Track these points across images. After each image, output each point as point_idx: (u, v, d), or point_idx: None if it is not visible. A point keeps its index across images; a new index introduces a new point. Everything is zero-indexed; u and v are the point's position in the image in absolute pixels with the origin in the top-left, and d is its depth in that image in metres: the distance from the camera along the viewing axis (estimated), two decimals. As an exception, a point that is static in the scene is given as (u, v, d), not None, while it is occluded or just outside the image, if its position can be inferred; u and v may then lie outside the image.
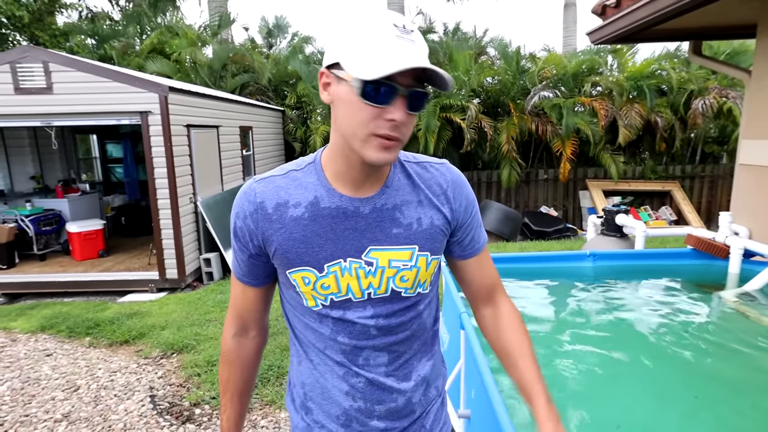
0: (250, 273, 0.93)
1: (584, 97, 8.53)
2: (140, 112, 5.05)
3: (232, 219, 0.90)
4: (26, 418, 2.84)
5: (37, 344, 3.95)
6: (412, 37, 0.76)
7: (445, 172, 0.94)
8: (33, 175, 7.00)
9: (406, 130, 0.80)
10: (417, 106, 0.79)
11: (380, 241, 0.87)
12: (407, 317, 0.91)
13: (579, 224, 9.05)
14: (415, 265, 0.88)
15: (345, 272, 0.86)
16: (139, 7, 11.23)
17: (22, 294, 5.52)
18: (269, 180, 0.89)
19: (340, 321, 0.89)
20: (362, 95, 0.76)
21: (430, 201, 0.91)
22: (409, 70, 0.73)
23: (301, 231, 0.85)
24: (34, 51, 5.06)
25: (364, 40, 0.76)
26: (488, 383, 1.39)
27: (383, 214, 0.87)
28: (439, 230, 0.91)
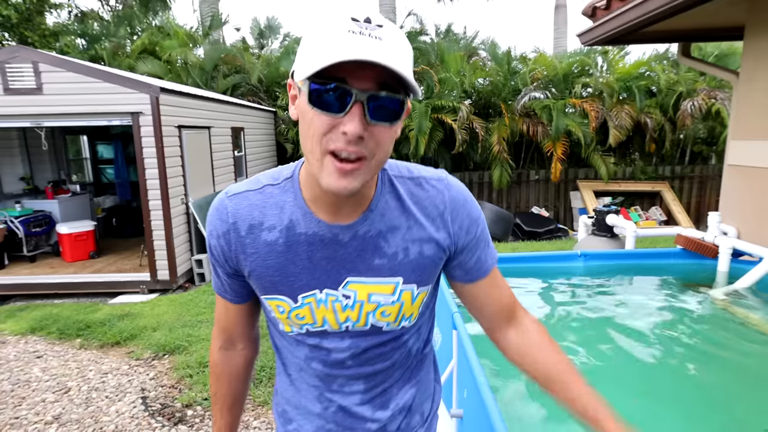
0: (232, 291, 0.87)
1: (575, 99, 8.61)
2: (131, 113, 5.02)
3: (207, 235, 0.83)
4: (16, 420, 2.82)
5: (27, 346, 3.92)
6: (376, 33, 0.62)
7: (443, 190, 0.81)
8: (22, 176, 6.93)
9: (374, 144, 0.66)
10: (384, 115, 0.65)
11: (360, 273, 0.78)
12: (387, 349, 0.84)
13: (570, 224, 9.13)
14: (398, 300, 0.80)
15: (320, 304, 0.79)
16: (130, 8, 11.15)
17: (12, 296, 5.46)
18: (243, 196, 0.79)
19: (315, 348, 0.83)
20: (309, 100, 0.64)
21: (422, 226, 0.79)
22: (369, 70, 0.61)
23: (275, 258, 0.78)
24: (23, 51, 5.01)
25: (316, 37, 0.64)
26: (480, 383, 1.40)
27: (365, 242, 0.77)
28: (429, 260, 0.80)
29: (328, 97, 0.63)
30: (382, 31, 0.62)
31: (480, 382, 1.40)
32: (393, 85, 0.64)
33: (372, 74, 0.62)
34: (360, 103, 0.63)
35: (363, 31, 0.61)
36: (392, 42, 0.62)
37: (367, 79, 0.63)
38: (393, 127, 0.67)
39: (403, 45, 0.64)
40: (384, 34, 0.62)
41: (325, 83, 0.63)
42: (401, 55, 0.63)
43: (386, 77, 0.63)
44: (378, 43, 0.61)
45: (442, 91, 8.63)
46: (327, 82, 0.62)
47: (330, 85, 0.62)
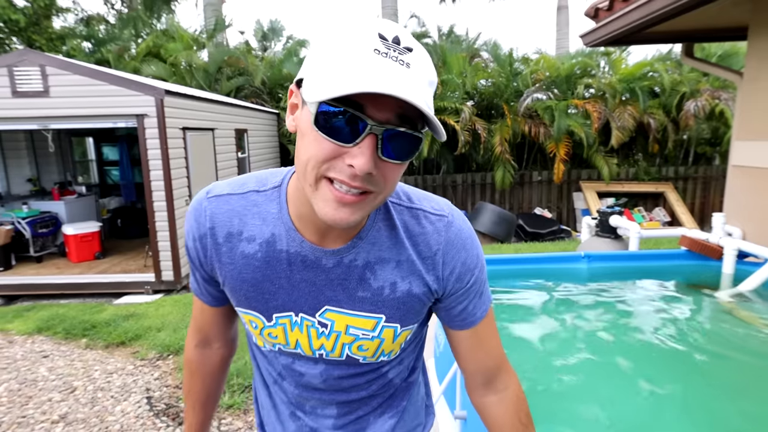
0: (209, 294, 0.82)
1: (577, 99, 8.61)
2: (136, 115, 5.06)
3: (185, 235, 0.77)
4: (23, 419, 2.85)
5: (34, 346, 3.95)
6: (404, 57, 0.54)
7: (441, 230, 0.72)
8: (29, 177, 6.99)
9: (382, 180, 0.58)
10: (398, 152, 0.57)
11: (339, 303, 0.71)
12: (364, 380, 0.79)
13: (573, 226, 9.12)
14: (378, 336, 0.73)
15: (295, 327, 0.74)
16: (135, 11, 11.23)
17: (19, 296, 5.51)
18: (224, 199, 0.73)
19: (287, 368, 0.79)
20: (314, 122, 0.56)
21: (412, 264, 0.71)
22: (388, 100, 0.53)
23: (251, 272, 0.72)
24: (30, 55, 5.06)
25: (336, 52, 0.56)
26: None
27: (350, 272, 0.70)
28: (417, 300, 0.73)
29: (338, 121, 0.55)
30: (411, 56, 0.55)
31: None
32: (413, 119, 0.57)
33: (393, 105, 0.54)
34: (374, 136, 0.55)
35: (390, 54, 0.54)
36: (420, 70, 0.55)
37: (387, 109, 0.55)
38: (404, 164, 0.60)
39: (429, 72, 0.58)
40: (413, 60, 0.55)
41: (338, 107, 0.54)
42: (426, 85, 0.56)
43: (408, 110, 0.55)
44: (404, 72, 0.54)
45: (444, 93, 8.65)
46: (340, 105, 0.54)
47: (342, 113, 0.54)
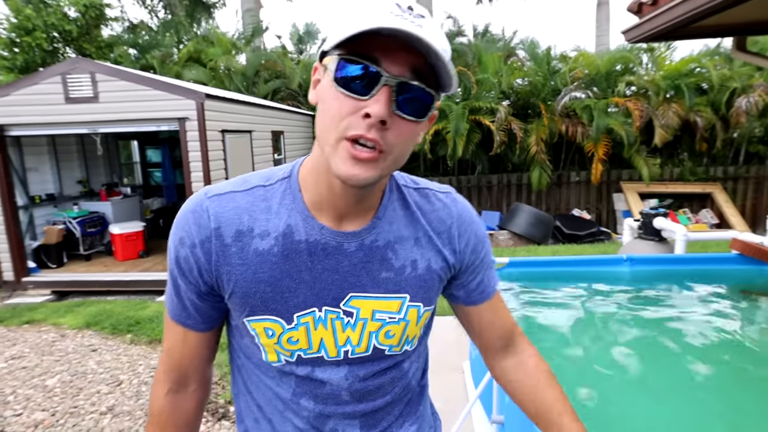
0: (198, 314, 0.72)
1: (618, 97, 8.32)
2: (178, 119, 5.24)
3: (173, 245, 0.68)
4: (75, 410, 3.00)
5: (84, 340, 4.16)
6: (418, 21, 0.57)
7: (450, 204, 0.77)
8: (80, 179, 7.35)
9: (394, 138, 0.60)
10: (412, 108, 0.60)
11: (364, 287, 0.70)
12: (388, 379, 0.75)
13: (613, 228, 8.82)
14: (403, 318, 0.72)
15: (318, 324, 0.69)
16: (177, 17, 11.66)
17: (70, 292, 5.80)
18: (228, 197, 0.68)
19: (306, 380, 0.72)
20: (333, 79, 0.59)
21: (430, 239, 0.74)
22: (405, 53, 0.57)
23: (268, 270, 0.67)
24: (82, 62, 5.33)
25: (355, 17, 0.59)
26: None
27: (372, 253, 0.70)
28: (436, 276, 0.75)
29: (355, 78, 0.58)
30: (424, 21, 0.58)
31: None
32: (427, 77, 0.60)
33: (407, 59, 0.58)
34: (389, 88, 0.57)
35: (404, 16, 0.57)
36: (434, 32, 0.58)
37: (401, 63, 0.58)
38: (418, 124, 0.62)
39: (443, 39, 0.60)
40: (425, 24, 0.58)
41: (355, 62, 0.57)
42: (441, 44, 0.58)
43: (422, 66, 0.58)
44: (418, 29, 0.56)
45: (479, 93, 8.54)
46: (357, 61, 0.57)
47: (359, 65, 0.57)
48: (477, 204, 9.12)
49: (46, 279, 5.85)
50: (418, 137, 0.65)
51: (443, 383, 2.85)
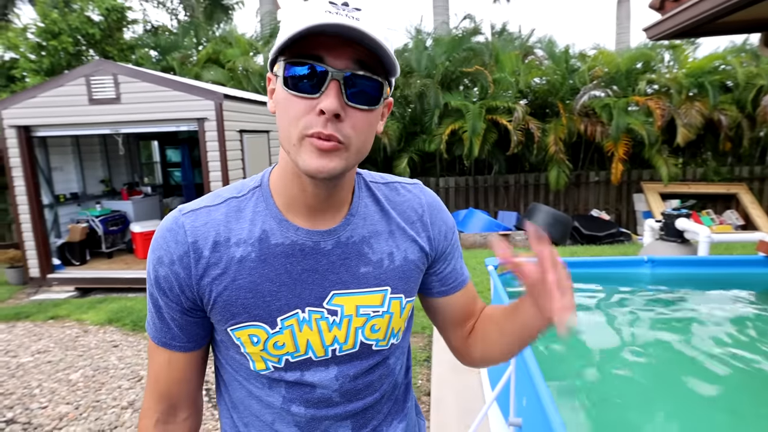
0: (184, 334, 0.71)
1: (638, 96, 8.16)
2: (197, 119, 5.32)
3: (152, 266, 0.69)
4: (97, 404, 3.07)
5: (106, 336, 4.25)
6: (353, 14, 0.59)
7: (419, 194, 0.79)
8: (102, 178, 7.52)
9: (350, 129, 0.62)
10: (362, 98, 0.62)
11: (345, 284, 0.70)
12: (376, 376, 0.76)
13: (633, 228, 8.66)
14: (387, 311, 0.73)
15: (303, 326, 0.69)
16: (196, 19, 11.83)
17: (93, 288, 5.94)
18: (202, 212, 0.70)
19: (296, 385, 0.72)
20: (284, 84, 0.62)
21: (404, 230, 0.75)
22: (346, 47, 0.59)
23: (247, 276, 0.67)
24: (105, 65, 5.45)
25: (291, 19, 0.61)
26: (541, 390, 1.37)
27: (349, 249, 0.71)
28: (414, 266, 0.76)
29: (303, 78, 0.60)
30: (361, 14, 0.60)
31: (540, 389, 1.37)
32: (372, 66, 0.61)
33: (349, 52, 0.60)
34: (337, 82, 0.60)
35: (339, 12, 0.59)
36: (371, 23, 0.59)
37: (345, 56, 0.60)
38: (372, 112, 0.64)
39: (381, 27, 0.61)
40: (362, 17, 0.60)
41: (301, 63, 0.60)
42: (380, 33, 0.59)
43: (364, 56, 0.60)
44: (355, 22, 0.58)
45: (496, 92, 8.47)
46: (302, 62, 0.60)
47: (305, 66, 0.60)
48: (494, 204, 9.05)
49: (69, 276, 6.00)
50: (378, 125, 0.67)
51: (460, 385, 2.84)
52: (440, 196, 9.45)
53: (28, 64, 7.89)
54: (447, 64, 8.74)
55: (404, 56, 9.19)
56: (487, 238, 7.53)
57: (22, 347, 4.04)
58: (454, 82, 9.12)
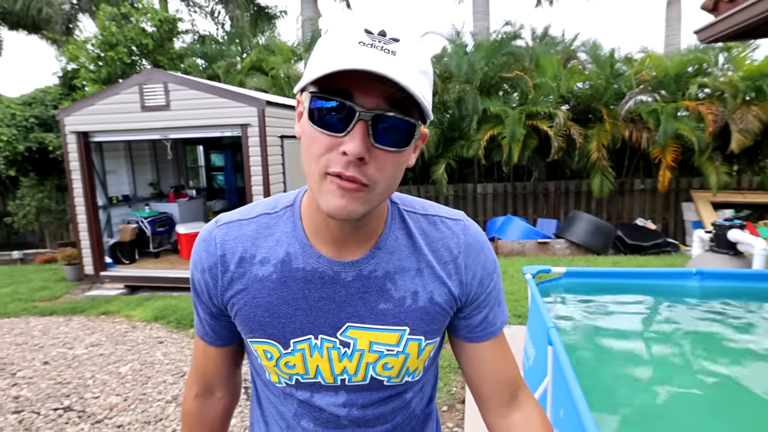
0: (214, 333, 0.78)
1: (689, 101, 7.81)
2: (241, 125, 5.51)
3: (191, 269, 0.74)
4: (144, 396, 3.22)
5: (152, 332, 4.45)
6: (390, 47, 0.55)
7: (458, 233, 0.73)
8: (151, 181, 7.89)
9: (375, 171, 0.58)
10: (391, 139, 0.58)
11: (361, 318, 0.69)
12: (388, 408, 0.74)
13: (681, 239, 8.27)
14: (402, 351, 0.70)
15: (315, 352, 0.70)
16: (241, 28, 12.25)
17: (141, 287, 6.23)
18: (234, 225, 0.72)
19: (305, 404, 0.74)
20: (309, 117, 0.59)
21: (433, 270, 0.71)
22: (377, 84, 0.54)
23: (266, 296, 0.69)
24: (156, 73, 5.74)
25: (324, 48, 0.58)
26: (579, 403, 1.35)
27: (370, 283, 0.69)
28: (440, 309, 0.71)
29: (329, 114, 0.57)
30: (398, 45, 0.56)
31: (578, 401, 1.34)
32: (404, 106, 0.57)
33: (380, 90, 0.56)
34: (364, 123, 0.56)
35: (375, 44, 0.55)
36: (407, 57, 0.56)
37: (375, 95, 0.56)
38: (401, 153, 0.60)
39: (419, 61, 0.57)
40: (399, 49, 0.55)
41: (327, 99, 0.56)
42: (415, 71, 0.56)
43: (397, 95, 0.56)
44: (390, 58, 0.54)
45: (537, 97, 8.32)
46: (329, 98, 0.56)
47: (332, 101, 0.56)
48: (533, 211, 8.87)
49: (120, 274, 6.33)
50: (409, 161, 0.64)
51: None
52: (477, 202, 9.31)
53: (87, 74, 8.40)
54: (486, 69, 8.66)
55: (443, 61, 9.18)
56: (525, 246, 7.39)
57: (77, 340, 4.29)
58: (493, 88, 9.03)
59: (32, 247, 9.30)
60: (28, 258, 8.21)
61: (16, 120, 8.38)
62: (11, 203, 8.90)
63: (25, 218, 8.72)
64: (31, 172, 8.71)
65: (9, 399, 3.23)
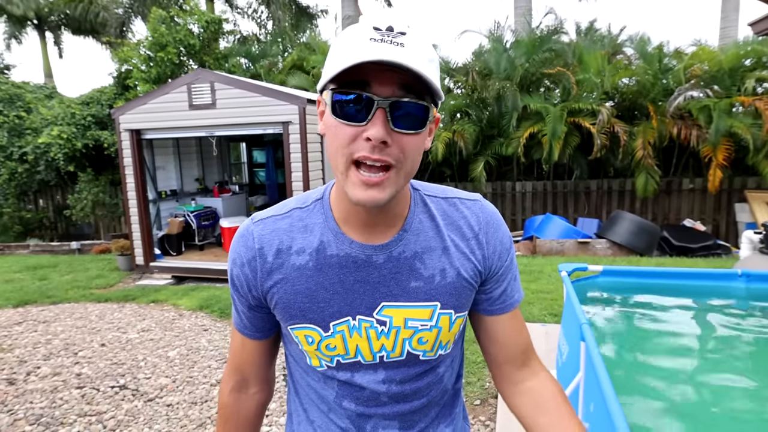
0: (252, 325, 0.82)
1: (744, 96, 7.40)
2: (282, 123, 5.69)
3: (229, 265, 0.79)
4: (191, 379, 3.42)
5: (197, 320, 4.69)
6: (399, 40, 0.61)
7: (477, 212, 0.79)
8: (197, 177, 8.24)
9: (398, 152, 0.64)
10: (408, 123, 0.64)
11: (395, 297, 0.74)
12: (424, 383, 0.79)
13: (733, 241, 7.86)
14: (435, 326, 0.76)
15: (354, 332, 0.75)
16: (283, 28, 12.56)
17: (187, 277, 6.55)
18: (269, 221, 0.77)
19: (346, 384, 0.78)
20: (332, 112, 0.65)
21: (458, 247, 0.77)
22: (390, 74, 0.61)
23: (304, 283, 0.74)
24: (203, 73, 6.01)
25: (339, 47, 0.64)
26: (609, 397, 1.36)
27: (400, 264, 0.74)
28: (466, 283, 0.77)
29: (350, 106, 0.63)
30: (405, 38, 0.62)
31: (608, 395, 1.36)
32: (418, 90, 0.63)
33: (394, 78, 0.62)
34: (383, 110, 0.62)
35: (384, 39, 0.61)
36: (415, 47, 0.61)
37: (390, 83, 0.62)
38: (419, 135, 0.66)
39: (426, 50, 0.63)
40: (407, 41, 0.61)
41: (347, 92, 0.62)
42: (424, 59, 0.62)
43: (410, 81, 0.62)
44: (399, 49, 0.60)
45: (579, 94, 8.12)
46: (349, 91, 0.62)
47: (352, 94, 0.62)
48: (573, 210, 8.67)
49: (167, 265, 6.67)
50: (426, 144, 0.69)
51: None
52: (516, 200, 9.18)
53: (139, 74, 8.87)
54: (527, 65, 8.52)
55: (483, 58, 9.09)
56: (564, 245, 7.24)
57: (130, 325, 4.58)
58: (534, 84, 8.87)
59: (88, 239, 9.92)
60: (85, 248, 8.77)
61: (75, 119, 8.96)
62: (70, 197, 9.52)
63: (82, 211, 9.30)
64: (87, 168, 9.29)
65: (73, 375, 3.52)
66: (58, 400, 3.16)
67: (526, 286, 5.17)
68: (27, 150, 9.18)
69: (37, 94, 10.71)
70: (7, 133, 9.48)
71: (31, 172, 9.46)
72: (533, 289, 5.05)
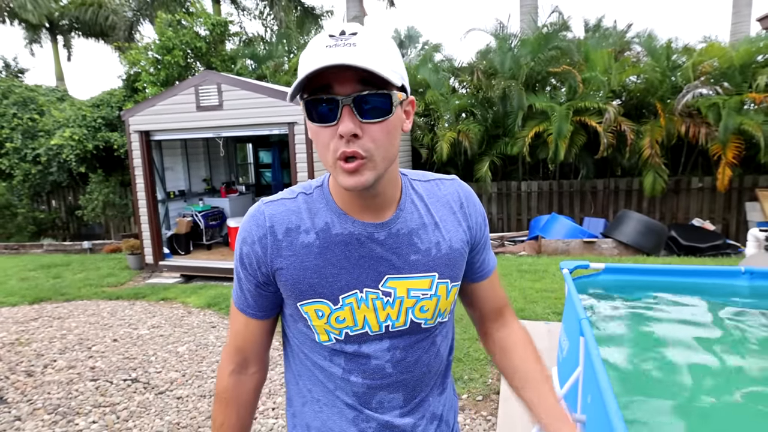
0: (256, 304, 0.86)
1: (756, 93, 7.33)
2: (288, 123, 5.74)
3: (238, 245, 0.83)
4: (199, 373, 3.48)
5: (205, 317, 4.76)
6: (351, 41, 0.67)
7: (457, 188, 0.90)
8: (204, 177, 8.34)
9: (372, 143, 0.71)
10: (375, 112, 0.70)
11: (398, 269, 0.81)
12: (424, 350, 0.86)
13: (743, 241, 7.78)
14: (435, 294, 0.83)
15: (361, 304, 0.80)
16: (288, 29, 12.63)
17: (195, 276, 6.63)
18: (279, 202, 0.83)
19: (354, 357, 0.83)
20: (309, 118, 0.72)
21: (447, 221, 0.86)
22: (348, 73, 0.67)
23: (313, 260, 0.79)
24: (210, 75, 6.08)
25: (302, 59, 0.71)
26: (604, 388, 1.38)
27: (400, 239, 0.81)
28: (459, 254, 0.86)
29: (321, 110, 0.70)
30: (356, 38, 0.68)
31: (603, 387, 1.38)
32: (376, 82, 0.69)
33: (351, 76, 0.68)
34: (348, 107, 0.69)
35: (338, 43, 0.67)
36: (366, 44, 0.67)
37: (349, 81, 0.68)
38: (388, 120, 0.71)
39: (378, 44, 0.69)
40: (358, 40, 0.67)
41: (315, 98, 0.70)
42: (376, 53, 0.68)
43: (366, 75, 0.68)
44: (351, 49, 0.66)
45: (586, 92, 8.08)
46: (314, 97, 0.69)
47: (318, 99, 0.69)
48: (579, 210, 8.63)
49: (176, 264, 6.76)
50: (405, 126, 0.77)
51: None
52: (522, 200, 9.16)
53: (147, 77, 8.98)
54: (532, 64, 8.51)
55: (488, 57, 9.09)
56: (569, 245, 7.23)
57: (141, 322, 4.67)
58: (539, 83, 8.85)
59: (99, 239, 10.08)
60: (96, 248, 8.91)
61: (86, 121, 9.10)
62: (82, 198, 9.67)
63: (93, 211, 9.45)
64: (98, 169, 9.43)
65: (87, 369, 3.63)
66: (73, 391, 3.27)
67: (531, 285, 5.17)
68: (40, 152, 9.35)
69: (50, 97, 10.89)
70: (21, 135, 9.65)
71: (44, 173, 9.63)
72: (537, 288, 5.05)
